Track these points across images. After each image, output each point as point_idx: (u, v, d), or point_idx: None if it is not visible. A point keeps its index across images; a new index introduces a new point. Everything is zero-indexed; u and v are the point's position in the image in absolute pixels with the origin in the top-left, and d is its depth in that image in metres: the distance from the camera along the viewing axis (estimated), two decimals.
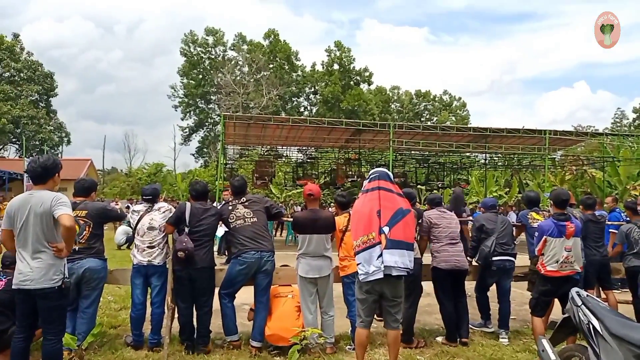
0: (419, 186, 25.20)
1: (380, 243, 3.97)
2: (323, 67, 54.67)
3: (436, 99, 63.30)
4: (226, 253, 10.45)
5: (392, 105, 61.69)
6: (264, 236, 4.97)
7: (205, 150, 53.30)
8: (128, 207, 22.29)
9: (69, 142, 51.05)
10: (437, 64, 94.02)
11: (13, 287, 3.55)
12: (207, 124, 54.09)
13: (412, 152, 24.16)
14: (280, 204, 22.64)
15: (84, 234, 4.55)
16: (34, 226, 3.48)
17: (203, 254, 4.84)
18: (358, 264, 4.09)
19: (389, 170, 4.42)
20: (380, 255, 3.94)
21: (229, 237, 5.10)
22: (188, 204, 5.00)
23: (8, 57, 44.56)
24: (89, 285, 4.57)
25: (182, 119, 54.54)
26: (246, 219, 4.98)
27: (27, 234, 3.49)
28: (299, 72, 54.66)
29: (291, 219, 5.92)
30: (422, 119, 59.75)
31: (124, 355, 4.72)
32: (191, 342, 4.88)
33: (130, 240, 13.96)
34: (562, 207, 4.95)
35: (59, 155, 45.19)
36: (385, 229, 3.99)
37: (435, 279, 5.46)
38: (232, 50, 53.53)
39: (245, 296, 5.22)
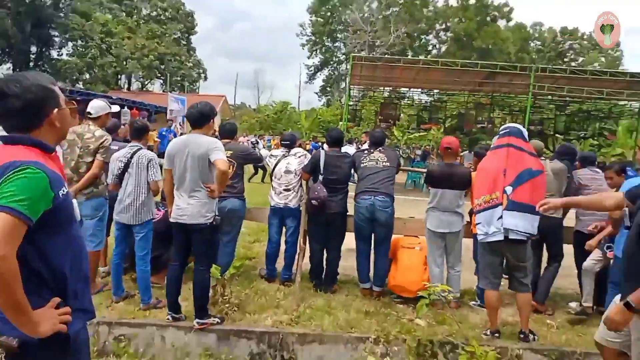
0: (556, 135, 23.15)
1: (502, 204, 3.82)
2: (458, 2, 51.02)
3: (584, 37, 56.09)
4: None
5: (532, 44, 56.12)
6: (384, 182, 4.91)
7: (328, 89, 53.77)
8: (257, 143, 23.62)
9: (205, 78, 54.65)
10: None
11: (171, 220, 3.96)
12: (331, 62, 54.18)
13: (552, 97, 21.99)
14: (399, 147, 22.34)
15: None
16: (192, 167, 3.79)
17: (337, 199, 5.02)
18: (477, 224, 4.01)
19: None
20: (501, 216, 3.81)
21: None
22: (322, 152, 5.15)
23: None
24: (230, 222, 4.96)
25: (309, 58, 55.22)
26: (379, 162, 5.03)
27: (185, 174, 3.82)
28: (431, 8, 51.70)
29: (424, 170, 5.81)
30: (565, 60, 53.74)
31: (259, 287, 5.13)
32: (319, 282, 5.17)
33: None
34: None
35: (197, 91, 48.79)
36: (508, 189, 3.83)
37: (576, 244, 5.07)
38: None
39: None
